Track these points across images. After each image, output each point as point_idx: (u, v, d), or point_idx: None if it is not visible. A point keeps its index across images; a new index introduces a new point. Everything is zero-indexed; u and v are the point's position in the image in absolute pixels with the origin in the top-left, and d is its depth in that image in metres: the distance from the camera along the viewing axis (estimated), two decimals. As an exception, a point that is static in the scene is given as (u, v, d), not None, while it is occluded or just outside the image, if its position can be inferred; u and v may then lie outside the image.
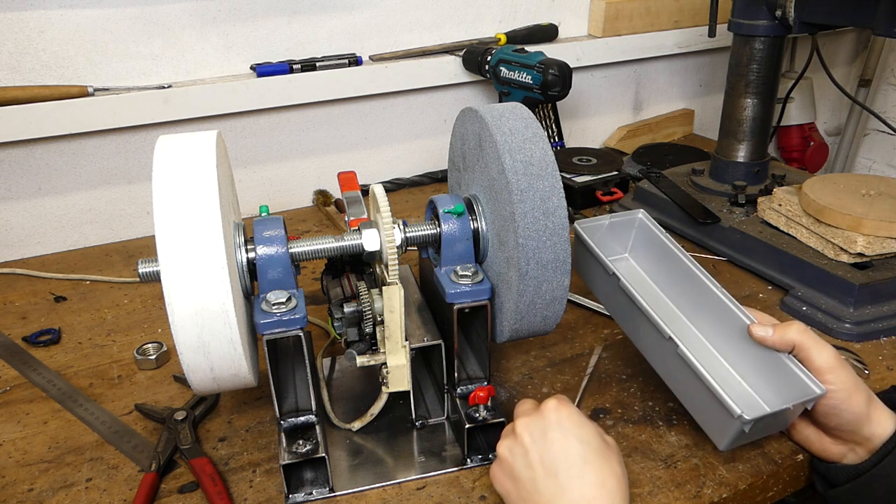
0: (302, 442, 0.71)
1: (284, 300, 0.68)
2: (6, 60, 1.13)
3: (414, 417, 0.80)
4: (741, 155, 1.20)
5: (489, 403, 0.74)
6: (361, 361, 0.73)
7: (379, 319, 0.73)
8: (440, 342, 0.75)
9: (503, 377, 0.88)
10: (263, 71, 1.27)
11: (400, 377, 0.74)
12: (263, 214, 0.75)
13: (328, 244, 0.74)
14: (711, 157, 1.24)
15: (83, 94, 1.15)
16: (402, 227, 0.74)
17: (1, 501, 0.72)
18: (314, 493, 0.72)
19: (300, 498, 0.71)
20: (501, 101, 1.38)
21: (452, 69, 1.43)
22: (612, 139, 1.69)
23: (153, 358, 0.92)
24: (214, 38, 1.25)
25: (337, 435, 0.79)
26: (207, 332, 0.61)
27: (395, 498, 0.71)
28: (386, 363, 0.73)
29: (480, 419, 0.73)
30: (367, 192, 0.81)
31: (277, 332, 0.67)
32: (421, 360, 0.89)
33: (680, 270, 0.84)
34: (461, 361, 0.80)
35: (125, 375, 0.92)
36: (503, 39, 1.44)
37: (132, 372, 0.92)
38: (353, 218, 0.86)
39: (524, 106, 0.75)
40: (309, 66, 1.30)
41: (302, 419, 0.73)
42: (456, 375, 0.76)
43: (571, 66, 1.25)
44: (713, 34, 1.20)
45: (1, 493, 0.73)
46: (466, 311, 0.73)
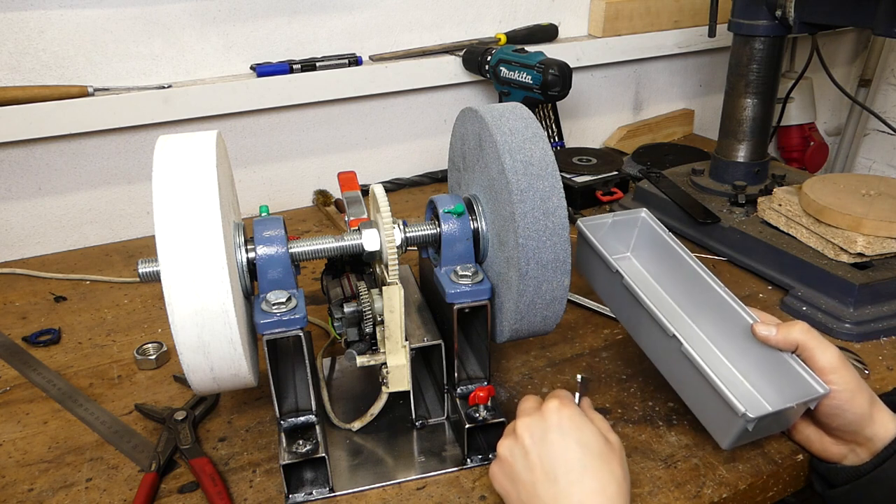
0: (302, 442, 0.71)
1: (284, 300, 0.68)
2: (6, 60, 1.13)
3: (414, 417, 0.80)
4: (741, 155, 1.20)
5: (489, 403, 0.74)
6: (361, 361, 0.73)
7: (379, 319, 0.73)
8: (440, 342, 0.75)
9: (503, 377, 0.88)
10: (263, 71, 1.27)
11: (400, 377, 0.74)
12: (263, 214, 0.75)
13: (328, 244, 0.74)
14: (711, 157, 1.24)
15: (83, 94, 1.15)
16: (402, 227, 0.74)
17: (1, 501, 0.72)
18: (314, 493, 0.72)
19: (300, 498, 0.71)
20: (501, 101, 1.38)
21: (452, 69, 1.43)
22: (612, 139, 1.69)
23: (153, 358, 0.92)
24: (214, 38, 1.25)
25: (337, 435, 0.79)
26: (207, 332, 0.61)
27: (395, 498, 0.71)
28: (386, 363, 0.73)
29: (480, 419, 0.73)
30: (367, 192, 0.81)
31: (277, 332, 0.67)
32: (421, 360, 0.88)
33: (682, 269, 0.83)
34: (461, 361, 0.80)
35: (125, 375, 0.92)
36: (503, 39, 1.44)
37: (132, 372, 0.92)
38: (353, 218, 0.86)
39: (524, 106, 0.75)
40: (309, 66, 1.30)
41: (302, 419, 0.73)
42: (456, 375, 0.76)
43: (571, 66, 1.25)
44: (713, 34, 1.20)
45: (1, 493, 0.73)
46: (466, 311, 0.73)
